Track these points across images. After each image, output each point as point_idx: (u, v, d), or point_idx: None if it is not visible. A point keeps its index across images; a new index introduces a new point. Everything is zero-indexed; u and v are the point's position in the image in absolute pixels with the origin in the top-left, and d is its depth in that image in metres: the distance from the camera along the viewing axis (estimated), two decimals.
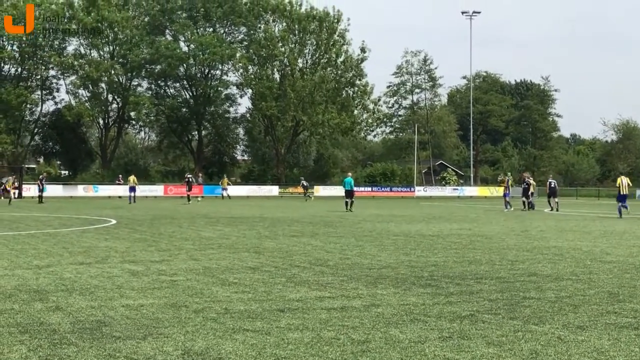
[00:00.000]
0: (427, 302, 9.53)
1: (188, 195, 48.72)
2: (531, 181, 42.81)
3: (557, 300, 9.79)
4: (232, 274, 12.07)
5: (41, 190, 49.06)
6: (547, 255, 15.76)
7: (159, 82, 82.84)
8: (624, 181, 35.28)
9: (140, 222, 26.54)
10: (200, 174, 78.19)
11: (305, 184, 63.45)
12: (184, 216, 31.37)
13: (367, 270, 12.84)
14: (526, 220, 30.98)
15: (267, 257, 14.83)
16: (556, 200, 42.06)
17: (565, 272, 12.86)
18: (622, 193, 34.73)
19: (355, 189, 42.12)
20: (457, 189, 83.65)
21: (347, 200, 39.91)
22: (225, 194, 61.89)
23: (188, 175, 52.09)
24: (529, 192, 42.31)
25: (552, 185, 42.91)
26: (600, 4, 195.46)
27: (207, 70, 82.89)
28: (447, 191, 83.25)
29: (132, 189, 51.55)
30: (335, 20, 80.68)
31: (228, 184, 64.34)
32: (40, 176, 53.49)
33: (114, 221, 27.27)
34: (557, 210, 40.80)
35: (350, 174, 46.11)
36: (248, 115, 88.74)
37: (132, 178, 53.30)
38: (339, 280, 11.54)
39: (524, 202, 42.57)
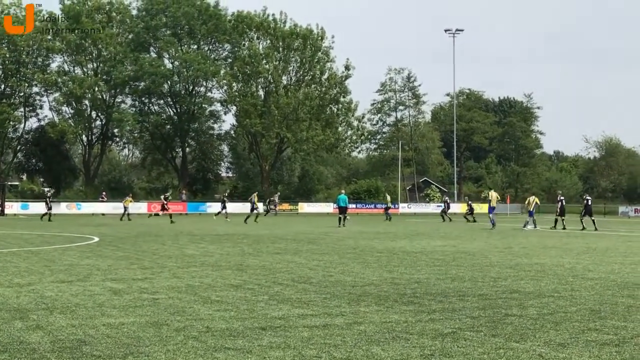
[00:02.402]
0: (409, 320, 9.53)
1: (170, 215, 48.38)
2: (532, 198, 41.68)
3: (539, 318, 9.82)
4: (214, 292, 12.03)
5: (50, 208, 48.58)
6: (529, 272, 15.80)
7: (143, 99, 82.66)
8: (493, 195, 40.93)
9: (124, 240, 26.42)
10: (184, 191, 77.95)
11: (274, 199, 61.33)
12: (168, 234, 31.25)
13: (350, 287, 12.83)
14: (509, 237, 31.07)
15: (250, 274, 14.80)
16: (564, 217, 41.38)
17: (547, 289, 12.89)
18: (491, 205, 39.85)
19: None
20: (440, 206, 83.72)
21: (341, 216, 41.35)
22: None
23: (165, 195, 51.96)
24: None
25: (562, 204, 41.34)
26: (582, 22, 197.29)
27: (191, 87, 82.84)
28: (431, 208, 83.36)
29: (126, 208, 52.14)
30: (319, 38, 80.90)
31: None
32: (48, 194, 52.79)
33: (96, 239, 27.13)
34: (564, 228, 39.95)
35: (343, 191, 47.00)
36: (232, 132, 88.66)
37: (129, 199, 53.81)
38: (322, 297, 11.53)
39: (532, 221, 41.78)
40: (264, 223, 45.16)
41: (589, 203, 40.53)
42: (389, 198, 58.79)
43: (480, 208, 73.33)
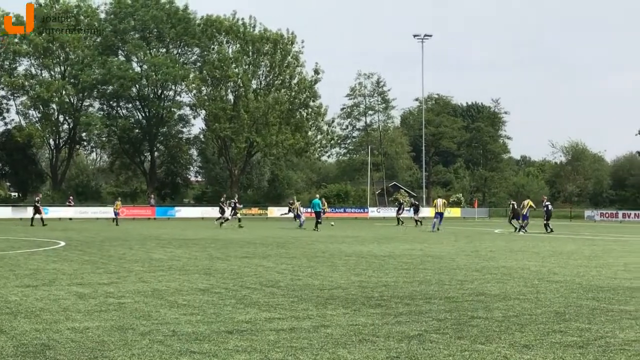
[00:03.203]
0: (376, 323, 9.56)
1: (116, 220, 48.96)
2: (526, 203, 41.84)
3: (505, 320, 9.90)
4: (181, 296, 11.98)
5: (38, 212, 48.00)
6: (495, 275, 15.92)
7: (111, 102, 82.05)
8: (439, 202, 43.70)
9: (90, 244, 26.20)
10: (152, 196, 77.51)
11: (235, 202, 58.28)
12: (135, 238, 31.04)
13: (318, 291, 12.84)
14: (476, 240, 31.26)
15: (217, 278, 14.75)
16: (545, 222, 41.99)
17: (513, 291, 13.00)
18: (437, 211, 42.64)
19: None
20: (409, 210, 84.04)
21: (317, 220, 42.06)
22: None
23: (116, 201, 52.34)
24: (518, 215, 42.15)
25: (548, 208, 41.68)
26: (548, 28, 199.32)
27: (160, 91, 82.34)
28: (409, 212, 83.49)
29: (117, 213, 52.02)
30: (289, 42, 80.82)
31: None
32: (37, 198, 52.03)
33: (63, 243, 26.88)
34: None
35: (317, 195, 47.04)
36: (201, 136, 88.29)
37: (118, 203, 53.39)
38: (290, 301, 11.53)
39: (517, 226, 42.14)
40: (231, 228, 45.02)
41: (550, 208, 41.74)
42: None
43: (450, 212, 73.85)
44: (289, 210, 49.80)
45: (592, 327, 9.37)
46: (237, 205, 52.27)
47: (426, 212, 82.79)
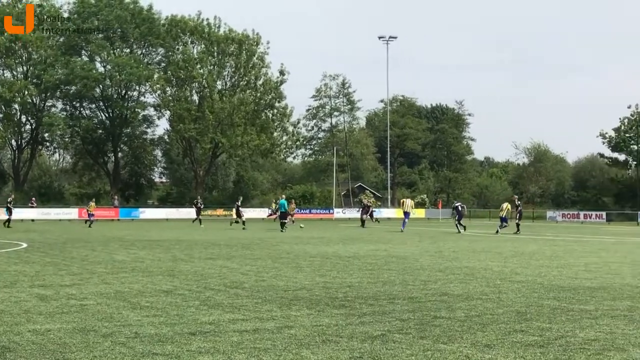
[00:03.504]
0: (340, 323, 9.59)
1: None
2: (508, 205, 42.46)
3: (467, 320, 9.98)
4: (144, 298, 11.91)
5: (10, 214, 47.29)
6: (458, 275, 16.04)
7: (74, 103, 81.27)
8: (407, 202, 45.84)
9: (52, 246, 25.93)
10: (116, 197, 76.89)
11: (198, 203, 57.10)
12: (98, 239, 30.78)
13: (283, 292, 12.85)
14: (440, 241, 31.46)
15: (181, 280, 14.68)
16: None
17: (475, 291, 13.11)
18: (405, 211, 44.38)
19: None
20: (375, 211, 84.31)
21: (282, 221, 42.17)
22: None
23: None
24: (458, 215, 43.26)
25: (460, 209, 44.50)
26: (511, 30, 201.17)
27: (124, 92, 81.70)
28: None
29: (91, 214, 50.96)
30: (255, 43, 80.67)
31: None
32: (9, 199, 51.12)
33: (25, 245, 26.57)
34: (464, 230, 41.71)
35: (284, 196, 47.07)
36: (166, 137, 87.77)
37: (92, 204, 52.35)
38: (254, 302, 11.52)
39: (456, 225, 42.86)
40: (196, 228, 44.84)
41: (460, 209, 44.18)
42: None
43: (415, 213, 74.10)
44: (274, 212, 49.18)
45: (552, 327, 9.49)
46: (200, 205, 52.18)
47: (391, 212, 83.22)
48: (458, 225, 42.01)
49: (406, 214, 44.45)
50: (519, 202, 42.71)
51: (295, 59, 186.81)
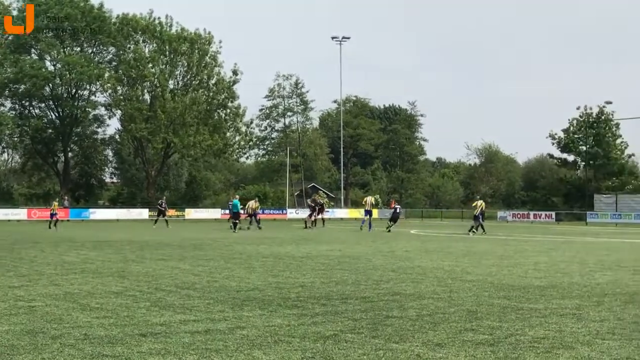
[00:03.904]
0: (292, 323, 9.57)
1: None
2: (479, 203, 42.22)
3: (418, 319, 10.04)
4: (94, 299, 11.76)
5: None
6: (411, 274, 16.13)
7: (23, 102, 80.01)
8: (368, 200, 46.17)
9: (0, 247, 25.47)
10: (66, 197, 75.88)
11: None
12: (47, 240, 30.33)
13: (235, 292, 12.79)
14: (392, 241, 31.62)
15: (132, 281, 14.53)
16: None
17: (427, 291, 13.20)
18: (367, 209, 44.85)
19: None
20: (328, 211, 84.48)
21: (234, 221, 42.22)
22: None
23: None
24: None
25: (397, 211, 45.44)
26: (463, 32, 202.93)
27: (74, 91, 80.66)
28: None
29: (53, 215, 48.94)
30: (207, 42, 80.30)
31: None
32: None
33: None
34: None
35: (237, 196, 46.99)
36: (117, 136, 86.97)
37: (55, 204, 50.74)
38: (205, 303, 11.45)
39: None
40: (148, 230, 44.47)
41: (398, 211, 45.57)
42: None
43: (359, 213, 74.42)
44: (248, 214, 48.37)
45: (502, 325, 9.59)
46: (163, 206, 51.86)
47: (344, 213, 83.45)
48: (390, 223, 43.27)
49: (368, 212, 45.22)
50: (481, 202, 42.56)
51: (248, 58, 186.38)
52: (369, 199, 46.74)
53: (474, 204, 41.21)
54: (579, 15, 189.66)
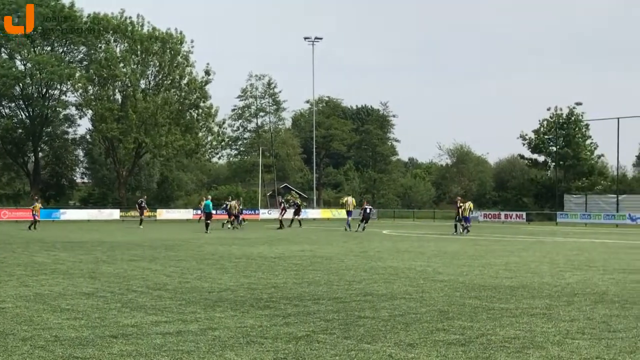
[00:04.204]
0: (264, 324, 9.57)
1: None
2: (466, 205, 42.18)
3: (391, 319, 10.07)
4: (64, 300, 11.68)
5: None
6: (383, 275, 16.18)
7: None
8: (349, 200, 46.86)
9: None
10: (36, 198, 75.08)
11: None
12: (18, 241, 30.06)
13: (207, 293, 12.76)
14: (365, 241, 31.69)
15: (103, 282, 14.44)
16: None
17: (399, 291, 13.25)
18: (348, 210, 45.95)
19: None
20: (302, 212, 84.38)
21: (207, 222, 41.91)
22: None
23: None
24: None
25: (367, 211, 45.38)
26: (434, 35, 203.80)
27: (44, 90, 79.93)
28: (290, 214, 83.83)
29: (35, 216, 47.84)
30: (178, 42, 79.93)
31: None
32: None
33: None
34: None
35: (210, 197, 46.93)
36: (88, 136, 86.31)
37: (38, 205, 49.43)
38: (177, 304, 11.41)
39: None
40: (119, 230, 44.19)
41: (368, 211, 45.08)
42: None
43: (340, 213, 74.84)
44: (235, 216, 48.51)
45: (474, 325, 9.65)
46: (143, 206, 51.66)
47: (316, 213, 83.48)
48: (456, 226, 41.41)
49: (349, 212, 45.85)
50: (461, 204, 42.53)
51: (221, 58, 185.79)
52: (350, 200, 47.20)
53: (462, 206, 41.10)
54: (550, 16, 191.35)
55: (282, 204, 50.86)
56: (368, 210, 45.56)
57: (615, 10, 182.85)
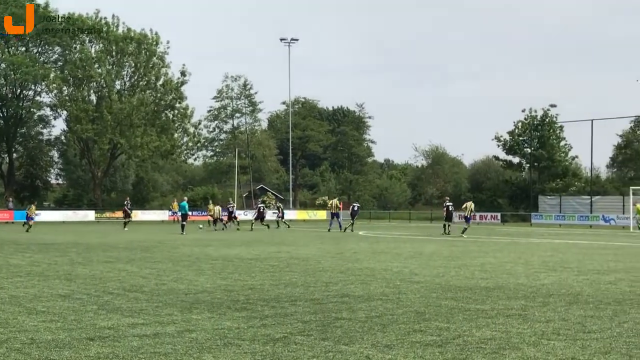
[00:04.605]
0: (241, 326, 9.57)
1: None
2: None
3: (367, 320, 10.11)
4: (40, 303, 11.60)
5: None
6: (359, 276, 16.22)
7: None
8: (334, 202, 47.66)
9: None
10: (10, 199, 74.50)
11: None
12: None
13: (183, 295, 12.73)
14: (342, 242, 31.73)
15: (79, 284, 14.36)
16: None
17: (376, 292, 13.29)
18: (332, 212, 46.55)
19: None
20: (276, 213, 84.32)
21: (182, 223, 41.91)
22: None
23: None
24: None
25: (355, 209, 47.31)
26: (411, 37, 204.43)
27: (19, 91, 79.29)
28: (267, 215, 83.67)
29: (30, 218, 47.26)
30: (154, 43, 79.59)
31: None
32: None
33: None
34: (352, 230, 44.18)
35: (186, 198, 46.94)
36: (63, 137, 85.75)
37: (33, 207, 48.57)
38: (154, 306, 11.37)
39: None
40: (94, 232, 43.92)
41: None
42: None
43: (316, 215, 74.95)
44: (221, 219, 49.25)
45: (450, 326, 9.70)
46: (128, 208, 51.44)
47: (292, 214, 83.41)
48: (445, 226, 41.84)
49: (335, 214, 46.60)
50: (448, 204, 42.73)
51: (197, 59, 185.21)
52: (335, 202, 48.05)
53: (463, 206, 41.43)
54: (524, 18, 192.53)
55: (261, 210, 51.65)
56: (356, 208, 47.52)
57: (594, 12, 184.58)
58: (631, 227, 52.34)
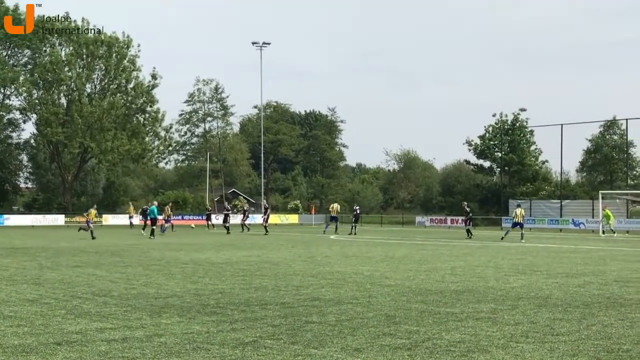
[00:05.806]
0: (211, 330, 9.53)
1: None
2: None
3: (338, 324, 10.11)
4: (7, 307, 11.48)
5: None
6: (330, 280, 16.23)
7: None
8: (334, 206, 49.93)
9: None
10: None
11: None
12: None
13: (153, 299, 12.66)
14: (313, 246, 31.72)
15: (47, 288, 14.23)
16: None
17: (346, 296, 13.30)
18: (332, 215, 49.03)
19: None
20: (249, 217, 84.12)
21: (152, 227, 41.57)
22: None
23: None
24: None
25: (357, 212, 50.81)
26: (383, 41, 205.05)
27: None
28: (239, 219, 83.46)
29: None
30: (125, 46, 79.11)
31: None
32: None
33: None
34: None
35: (156, 202, 46.69)
36: (32, 141, 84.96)
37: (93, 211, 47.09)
38: (123, 310, 11.30)
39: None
40: (64, 236, 43.54)
41: (358, 212, 50.75)
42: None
43: (288, 219, 74.86)
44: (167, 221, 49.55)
45: (420, 330, 9.74)
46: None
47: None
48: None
49: (334, 218, 49.23)
50: (469, 209, 44.48)
51: (168, 63, 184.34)
52: (336, 206, 50.25)
53: (514, 213, 42.48)
54: (495, 22, 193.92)
55: (245, 210, 52.97)
56: (358, 211, 50.81)
57: (565, 15, 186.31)
58: (600, 231, 52.84)
